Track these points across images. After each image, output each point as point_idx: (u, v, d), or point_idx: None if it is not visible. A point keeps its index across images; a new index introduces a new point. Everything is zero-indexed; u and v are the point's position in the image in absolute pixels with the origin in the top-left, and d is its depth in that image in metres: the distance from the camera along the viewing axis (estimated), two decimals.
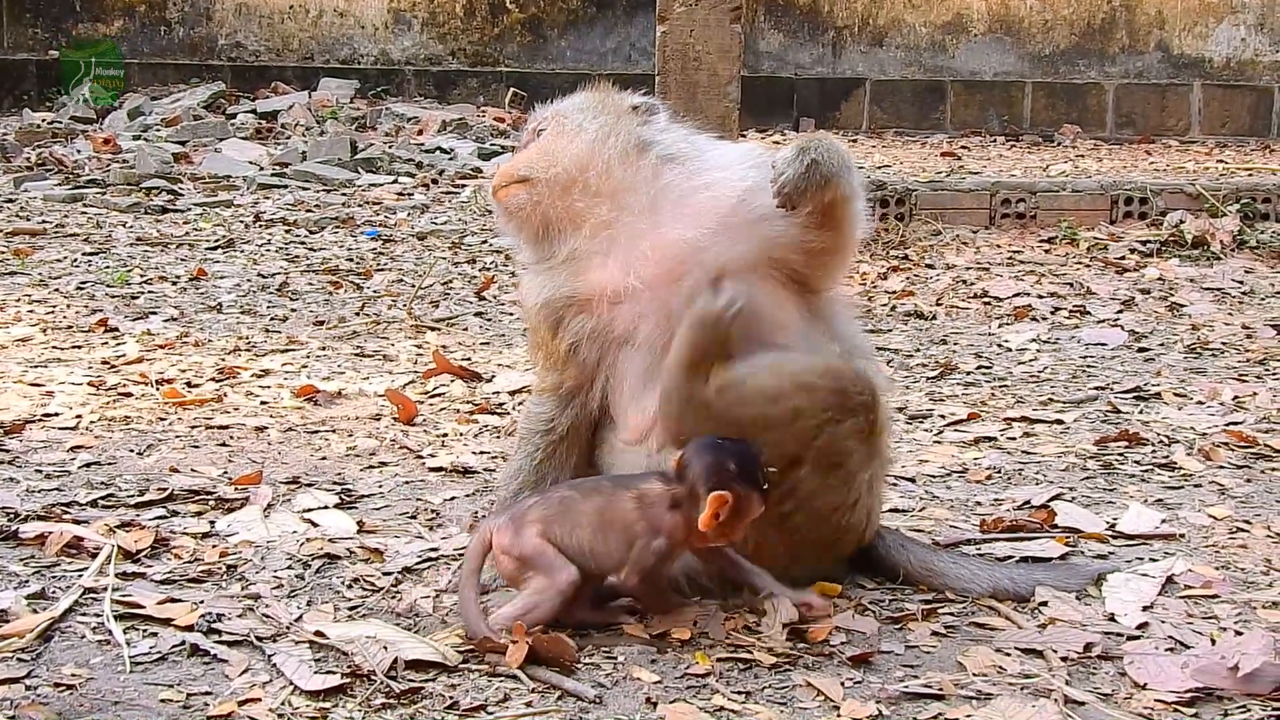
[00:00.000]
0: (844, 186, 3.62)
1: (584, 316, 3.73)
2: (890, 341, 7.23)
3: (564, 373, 3.82)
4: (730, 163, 3.78)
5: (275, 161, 13.42)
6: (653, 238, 3.66)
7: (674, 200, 3.71)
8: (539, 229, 3.80)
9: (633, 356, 3.73)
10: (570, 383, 3.82)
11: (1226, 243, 9.72)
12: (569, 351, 3.77)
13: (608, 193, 3.71)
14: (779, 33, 16.62)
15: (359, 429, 5.51)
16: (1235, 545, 4.23)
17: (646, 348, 3.70)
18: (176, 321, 7.51)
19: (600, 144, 3.76)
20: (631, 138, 3.80)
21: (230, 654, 3.37)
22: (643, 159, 3.77)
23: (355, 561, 4.04)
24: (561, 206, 3.74)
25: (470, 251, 9.79)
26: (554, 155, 3.77)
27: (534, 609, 3.41)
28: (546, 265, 3.79)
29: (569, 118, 3.87)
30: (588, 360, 3.78)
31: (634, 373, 3.73)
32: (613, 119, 3.82)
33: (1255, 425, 5.56)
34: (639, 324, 3.69)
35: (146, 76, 16.73)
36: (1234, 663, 3.20)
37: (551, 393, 3.87)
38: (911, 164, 12.39)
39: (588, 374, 3.79)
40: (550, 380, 3.88)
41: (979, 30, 16.53)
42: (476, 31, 16.86)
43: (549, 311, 3.78)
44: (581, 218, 3.72)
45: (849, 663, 3.37)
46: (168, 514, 4.41)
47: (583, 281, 3.72)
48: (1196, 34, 16.40)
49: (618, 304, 3.69)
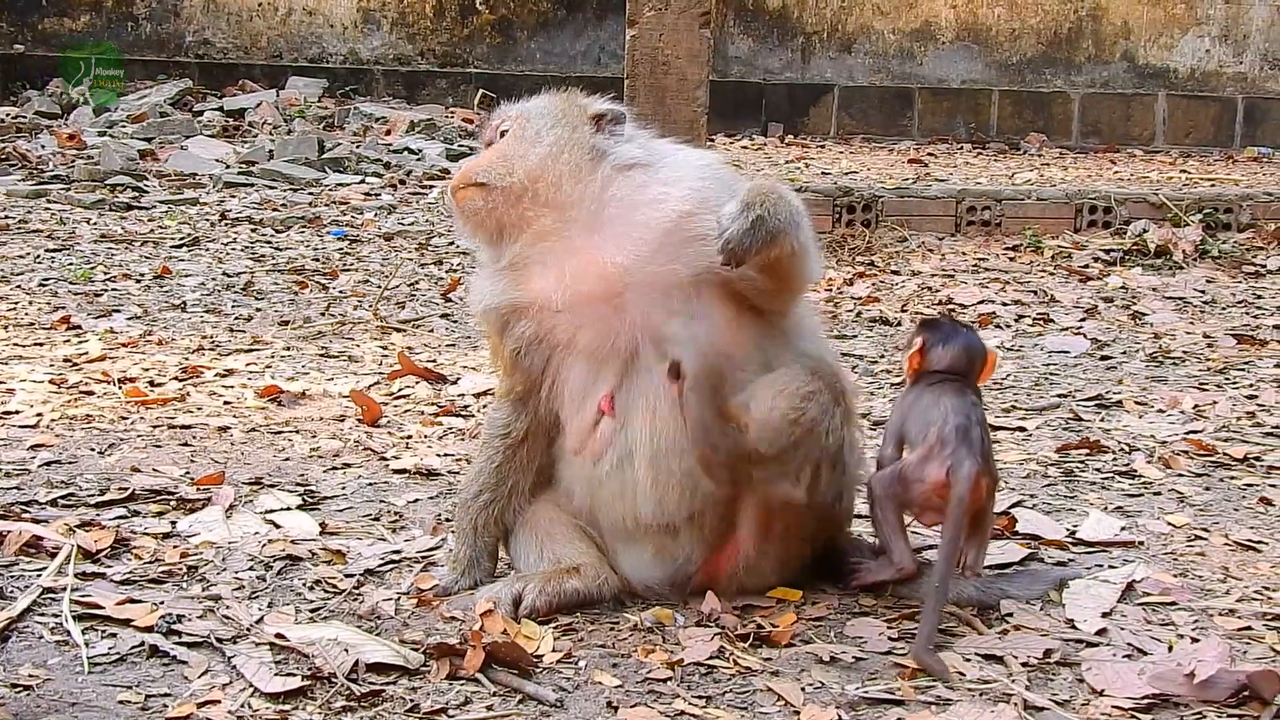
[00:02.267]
0: (791, 242, 3.56)
1: (526, 322, 3.74)
2: (855, 347, 7.25)
3: (513, 377, 3.84)
4: (681, 176, 3.74)
5: (242, 160, 13.37)
6: (587, 255, 3.66)
7: (616, 216, 3.69)
8: (493, 233, 3.80)
9: (573, 365, 3.74)
10: (520, 388, 3.83)
11: (1189, 252, 9.79)
12: (514, 356, 3.79)
13: (555, 204, 3.70)
14: (748, 38, 16.65)
15: (323, 430, 5.50)
16: (1194, 553, 4.26)
17: (586, 356, 3.71)
18: (140, 320, 7.48)
19: (554, 157, 3.74)
20: (586, 149, 3.77)
21: (190, 655, 3.36)
22: (596, 171, 3.74)
23: (317, 563, 4.03)
24: (514, 214, 3.73)
25: (437, 252, 9.78)
26: (511, 163, 3.76)
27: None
28: (495, 269, 3.80)
29: (530, 123, 3.85)
30: (533, 366, 3.78)
31: (575, 380, 3.74)
32: (569, 130, 3.80)
33: (1215, 434, 5.60)
34: (577, 334, 3.70)
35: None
36: (1190, 670, 3.22)
37: (506, 398, 3.89)
38: (878, 170, 12.43)
39: (534, 379, 3.80)
40: (504, 385, 3.90)
41: (947, 38, 16.60)
42: (446, 32, 16.84)
43: (494, 316, 3.80)
44: (529, 225, 3.72)
45: (809, 667, 3.38)
46: (128, 514, 4.39)
47: (523, 290, 3.73)
48: (1162, 45, 16.51)
49: (557, 313, 3.70)
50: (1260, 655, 3.49)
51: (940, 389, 3.76)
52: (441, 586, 3.83)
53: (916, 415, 3.76)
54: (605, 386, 3.69)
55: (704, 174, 3.76)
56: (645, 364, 3.64)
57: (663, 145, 3.90)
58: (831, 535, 3.87)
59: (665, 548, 3.74)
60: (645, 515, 3.69)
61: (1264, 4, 16.39)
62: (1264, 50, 16.46)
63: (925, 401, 3.75)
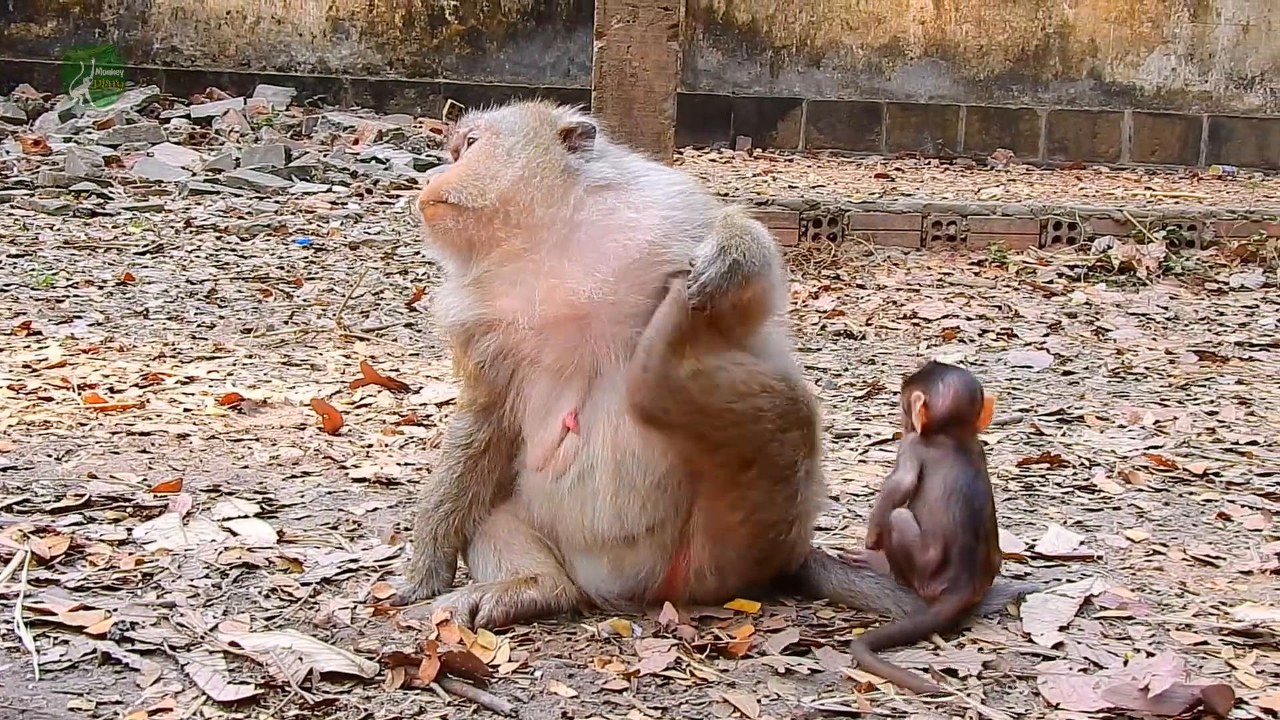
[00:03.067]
0: (764, 283, 3.60)
1: (492, 336, 3.73)
2: (819, 360, 7.26)
3: (476, 389, 3.83)
4: (652, 201, 3.72)
5: (208, 167, 13.32)
6: (555, 279, 3.64)
7: (586, 241, 3.68)
8: (462, 250, 3.77)
9: (537, 381, 3.74)
10: (483, 399, 3.82)
11: (1152, 269, 9.85)
12: (478, 369, 3.78)
13: (526, 226, 3.68)
14: (718, 51, 16.67)
15: (283, 438, 5.47)
16: (1151, 567, 4.27)
17: (551, 374, 3.71)
18: (102, 326, 7.44)
19: (527, 180, 3.71)
20: (559, 171, 3.75)
21: (142, 663, 3.33)
22: (568, 194, 3.71)
23: (274, 571, 4.01)
24: (485, 234, 3.71)
25: (403, 262, 9.76)
26: (483, 183, 3.72)
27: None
28: (462, 284, 3.78)
29: (501, 139, 3.81)
30: (497, 379, 3.77)
31: (539, 396, 3.74)
32: (542, 151, 3.76)
33: (1175, 449, 5.62)
34: (542, 351, 3.70)
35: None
36: (1145, 684, 3.22)
37: (468, 409, 3.87)
38: (845, 184, 12.46)
39: (498, 393, 3.79)
40: (466, 396, 3.89)
41: (915, 54, 16.66)
42: (415, 42, 16.82)
43: (459, 330, 3.78)
44: (499, 245, 3.70)
45: (766, 679, 3.38)
46: (84, 520, 4.36)
47: (490, 307, 3.72)
48: (1128, 63, 16.60)
49: (523, 330, 3.69)
50: (1216, 670, 3.50)
51: (949, 465, 3.80)
52: (398, 595, 3.81)
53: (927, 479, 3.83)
54: (569, 404, 3.69)
55: (675, 200, 3.73)
56: (609, 381, 3.65)
57: (635, 164, 3.86)
58: (787, 557, 3.85)
59: (623, 560, 3.74)
60: (604, 528, 3.70)
61: (1229, 23, 16.50)
62: (1229, 69, 16.57)
63: (939, 473, 3.80)
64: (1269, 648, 3.65)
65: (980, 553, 3.71)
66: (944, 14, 16.57)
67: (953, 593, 3.67)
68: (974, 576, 3.69)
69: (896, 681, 3.34)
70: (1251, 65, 16.56)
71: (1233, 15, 16.50)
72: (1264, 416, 6.24)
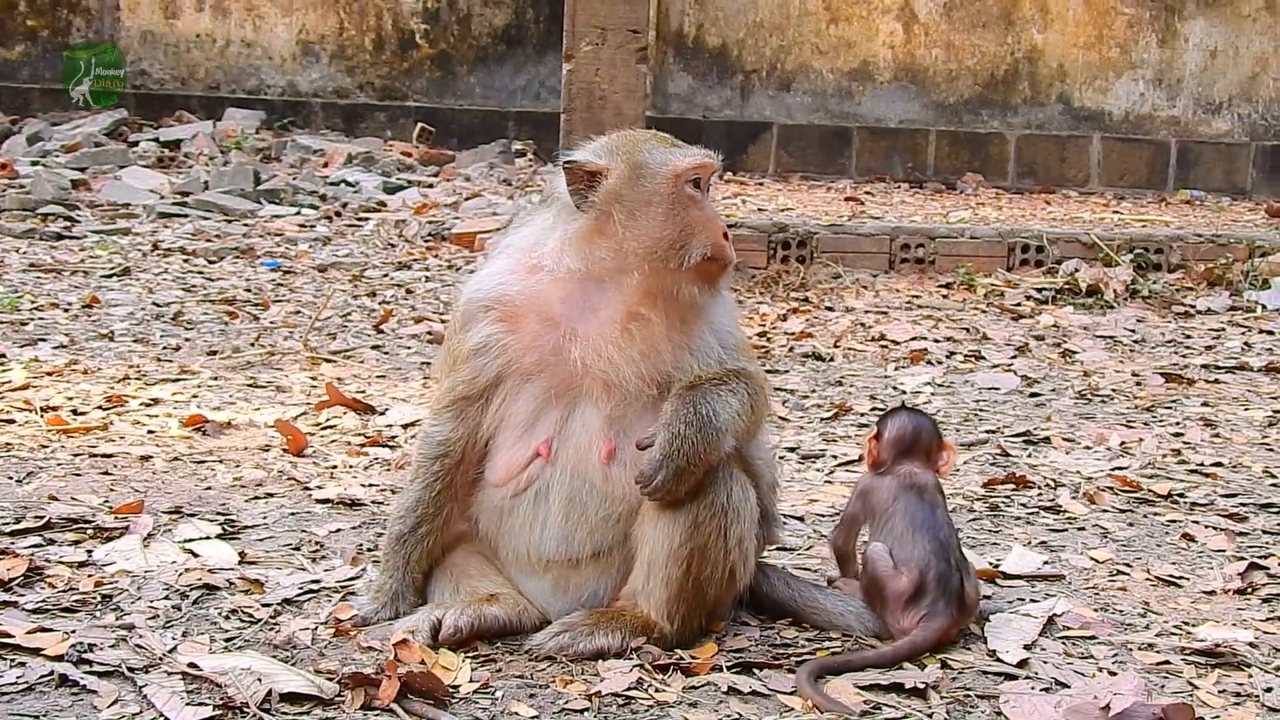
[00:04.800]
0: (720, 454, 3.63)
1: (504, 327, 3.72)
2: (787, 382, 7.26)
3: (459, 371, 3.79)
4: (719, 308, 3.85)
5: (177, 190, 13.27)
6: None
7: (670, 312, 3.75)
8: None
9: (523, 396, 3.72)
10: (463, 388, 3.78)
11: (1119, 291, 9.89)
12: (472, 352, 3.74)
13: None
14: (688, 75, 16.71)
15: (246, 460, 5.44)
16: (1115, 587, 4.27)
17: (535, 396, 3.71)
18: (66, 349, 7.39)
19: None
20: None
21: (100, 685, 3.30)
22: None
23: (234, 592, 3.98)
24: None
25: (371, 284, 9.73)
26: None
27: None
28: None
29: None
30: (486, 368, 3.74)
31: (519, 413, 3.73)
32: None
33: (1140, 470, 5.64)
34: (544, 371, 3.69)
35: (48, 102, 16.51)
36: (1106, 703, 3.23)
37: (446, 409, 3.81)
38: (815, 208, 12.49)
39: (480, 386, 3.76)
40: (445, 388, 3.83)
41: (885, 78, 16.72)
42: (385, 65, 16.81)
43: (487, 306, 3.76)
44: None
45: (727, 699, 3.36)
46: (44, 542, 4.32)
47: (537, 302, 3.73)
48: (1097, 88, 16.69)
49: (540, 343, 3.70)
50: (1178, 689, 3.51)
51: (904, 501, 3.83)
52: (360, 616, 3.78)
53: (883, 513, 3.86)
54: (546, 430, 3.71)
55: (726, 321, 3.84)
56: (584, 416, 3.69)
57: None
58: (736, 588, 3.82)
59: (568, 580, 3.74)
60: (550, 550, 3.71)
61: (1197, 49, 16.61)
62: (1197, 94, 16.68)
63: (895, 509, 3.84)
64: (1231, 667, 3.66)
65: (955, 581, 3.70)
66: (913, 39, 16.65)
67: (931, 619, 3.66)
68: (950, 603, 3.68)
69: (824, 709, 3.31)
70: (1219, 91, 16.67)
71: (1200, 41, 16.61)
72: (1229, 438, 6.26)
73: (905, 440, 3.95)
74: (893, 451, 3.95)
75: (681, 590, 3.62)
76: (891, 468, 3.92)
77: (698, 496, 3.60)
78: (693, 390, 3.61)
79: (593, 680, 3.43)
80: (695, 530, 3.60)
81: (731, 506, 3.65)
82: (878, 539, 3.83)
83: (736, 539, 3.66)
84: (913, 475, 3.88)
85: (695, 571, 3.62)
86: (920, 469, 3.91)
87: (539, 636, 3.62)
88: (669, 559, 3.61)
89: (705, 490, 3.61)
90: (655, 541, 3.63)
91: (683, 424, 3.56)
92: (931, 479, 3.90)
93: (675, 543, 3.61)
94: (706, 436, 3.57)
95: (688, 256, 3.63)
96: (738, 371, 3.72)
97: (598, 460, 3.66)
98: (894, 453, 3.95)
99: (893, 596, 3.72)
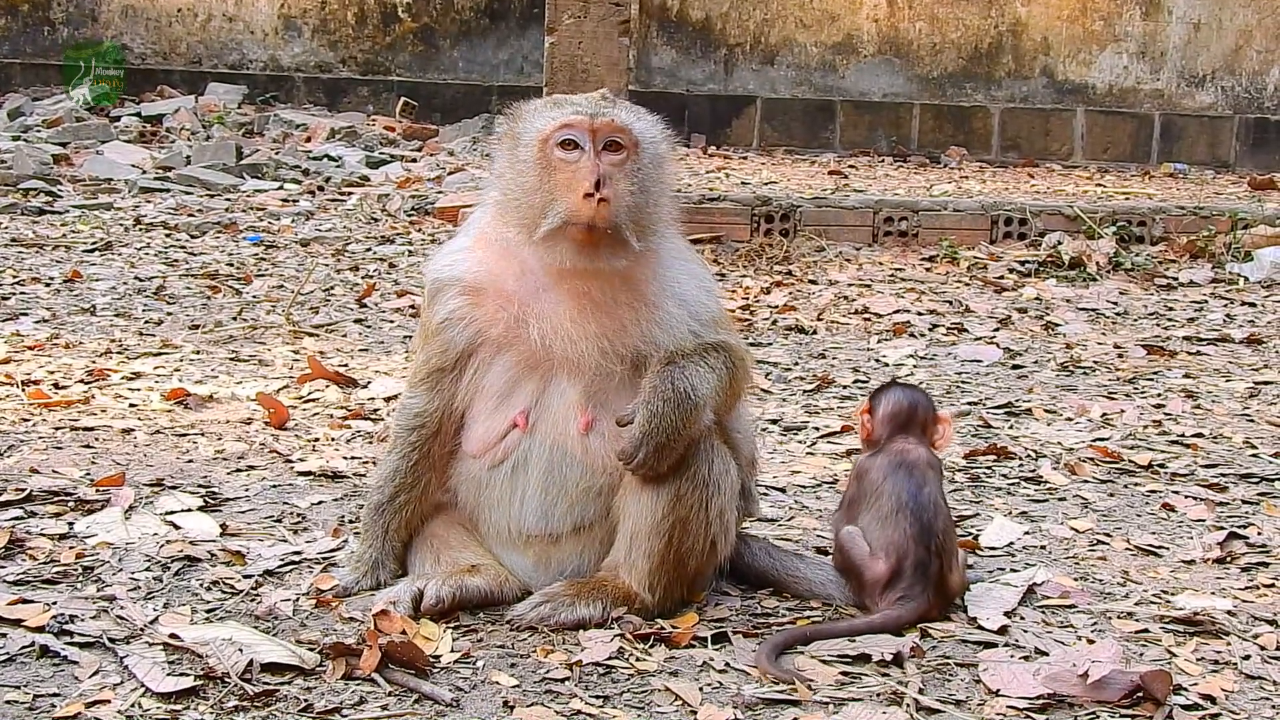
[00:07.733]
0: (701, 425, 3.63)
1: (468, 300, 3.71)
2: (770, 355, 7.27)
3: (430, 344, 3.78)
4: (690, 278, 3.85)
5: (159, 165, 13.22)
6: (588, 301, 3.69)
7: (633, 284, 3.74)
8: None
9: (496, 367, 3.72)
10: (436, 360, 3.78)
11: (1102, 264, 9.91)
12: (440, 326, 3.74)
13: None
14: (671, 49, 16.66)
15: (228, 433, 5.44)
16: (1095, 557, 4.29)
17: (510, 366, 3.70)
18: (48, 323, 7.37)
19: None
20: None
21: (81, 655, 3.31)
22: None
23: (216, 564, 3.98)
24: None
25: (353, 259, 9.71)
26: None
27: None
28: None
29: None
30: (456, 339, 3.74)
31: (493, 383, 3.73)
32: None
33: (1121, 441, 5.66)
34: (513, 345, 3.69)
35: (29, 77, 16.44)
36: (1084, 670, 3.24)
37: (422, 382, 3.81)
38: (799, 181, 12.47)
39: (452, 358, 3.75)
40: (419, 361, 3.84)
41: (869, 52, 16.69)
42: (368, 40, 16.74)
43: (446, 284, 3.77)
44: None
45: (708, 668, 3.38)
46: (25, 515, 4.32)
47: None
48: (1080, 61, 16.67)
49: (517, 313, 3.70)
50: (1156, 657, 3.53)
51: (895, 479, 3.81)
52: (342, 587, 3.80)
53: (874, 493, 3.83)
54: (522, 401, 3.71)
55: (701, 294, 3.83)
56: (560, 387, 3.69)
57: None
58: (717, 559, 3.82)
59: (549, 554, 3.75)
60: (530, 524, 3.72)
61: (1181, 22, 16.61)
62: (1180, 67, 16.67)
63: (884, 488, 3.81)
64: (1208, 635, 3.68)
65: (934, 567, 3.70)
66: (897, 12, 16.62)
67: (907, 602, 3.66)
68: (927, 588, 3.68)
69: (784, 682, 3.31)
70: (1203, 64, 16.67)
71: (1184, 14, 16.60)
72: (1209, 410, 6.29)
73: (900, 416, 3.92)
74: (887, 428, 3.93)
75: (663, 562, 3.64)
76: (886, 444, 3.91)
77: (680, 470, 3.60)
78: (671, 365, 3.61)
79: (574, 650, 3.44)
80: (677, 503, 3.61)
81: (713, 479, 3.66)
82: (866, 517, 3.80)
83: (718, 511, 3.67)
84: (905, 452, 3.85)
85: (677, 544, 3.63)
86: (915, 444, 3.90)
87: (520, 607, 3.63)
88: (651, 532, 3.62)
89: (687, 463, 3.61)
90: (637, 514, 3.64)
91: (661, 400, 3.56)
92: (925, 454, 3.88)
93: (657, 516, 3.61)
94: (685, 412, 3.57)
95: (545, 222, 3.56)
96: (717, 345, 3.71)
97: (575, 432, 3.66)
98: (889, 429, 3.93)
99: (869, 582, 3.72)
